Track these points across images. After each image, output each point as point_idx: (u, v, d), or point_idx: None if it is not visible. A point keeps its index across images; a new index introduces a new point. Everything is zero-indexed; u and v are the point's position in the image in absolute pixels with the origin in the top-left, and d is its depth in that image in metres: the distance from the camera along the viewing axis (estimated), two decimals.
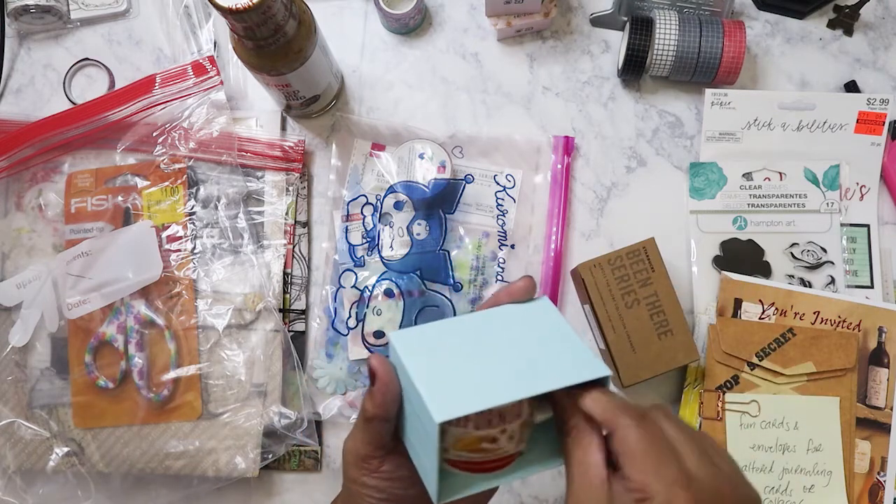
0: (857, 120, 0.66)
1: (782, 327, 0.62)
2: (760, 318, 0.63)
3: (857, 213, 0.66)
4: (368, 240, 0.65)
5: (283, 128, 0.68)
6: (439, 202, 0.65)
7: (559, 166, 0.67)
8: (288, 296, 0.65)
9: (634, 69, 0.65)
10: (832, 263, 0.65)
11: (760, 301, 0.63)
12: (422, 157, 0.64)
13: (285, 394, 0.63)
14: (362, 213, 0.65)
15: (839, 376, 0.61)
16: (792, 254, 0.65)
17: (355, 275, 0.64)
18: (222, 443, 0.61)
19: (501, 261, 0.65)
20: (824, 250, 0.65)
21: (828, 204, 0.65)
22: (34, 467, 0.61)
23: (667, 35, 0.64)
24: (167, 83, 0.65)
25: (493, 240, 0.66)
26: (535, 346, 0.40)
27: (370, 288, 0.64)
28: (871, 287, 0.65)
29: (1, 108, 0.70)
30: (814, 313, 0.63)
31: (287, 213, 0.65)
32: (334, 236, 0.66)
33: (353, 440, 0.40)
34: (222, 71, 0.67)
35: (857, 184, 0.66)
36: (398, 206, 0.65)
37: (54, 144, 0.65)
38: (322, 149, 0.68)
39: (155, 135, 0.65)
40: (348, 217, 0.66)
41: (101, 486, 0.62)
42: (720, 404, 0.61)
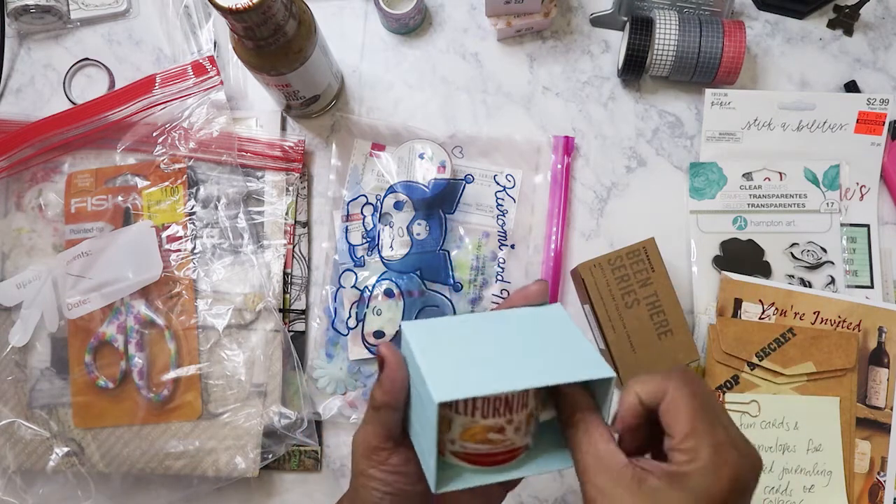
0: (857, 120, 0.66)
1: (782, 327, 0.62)
2: (760, 318, 0.63)
3: (857, 213, 0.66)
4: (368, 240, 0.65)
5: (283, 128, 0.68)
6: (439, 202, 0.65)
7: (559, 166, 0.67)
8: (288, 296, 0.65)
9: (634, 69, 0.65)
10: (832, 263, 0.65)
11: (760, 301, 0.63)
12: (422, 157, 0.64)
13: (285, 394, 0.63)
14: (362, 213, 0.65)
15: (839, 376, 0.61)
16: (792, 254, 0.65)
17: (355, 275, 0.64)
18: (222, 443, 0.61)
19: (501, 261, 0.65)
20: (824, 250, 0.65)
21: (828, 204, 0.65)
22: (34, 467, 0.61)
23: (667, 35, 0.64)
24: (167, 83, 0.65)
25: (493, 240, 0.66)
26: (544, 344, 0.40)
27: (370, 288, 0.64)
28: (871, 287, 0.65)
29: (1, 108, 0.70)
30: (814, 313, 0.63)
31: (287, 213, 0.65)
32: (334, 236, 0.66)
33: (362, 431, 0.41)
34: (222, 71, 0.67)
35: (857, 184, 0.66)
36: (398, 206, 0.65)
37: (54, 144, 0.65)
38: (322, 149, 0.68)
39: (155, 135, 0.65)
40: (348, 217, 0.66)
41: (101, 486, 0.62)
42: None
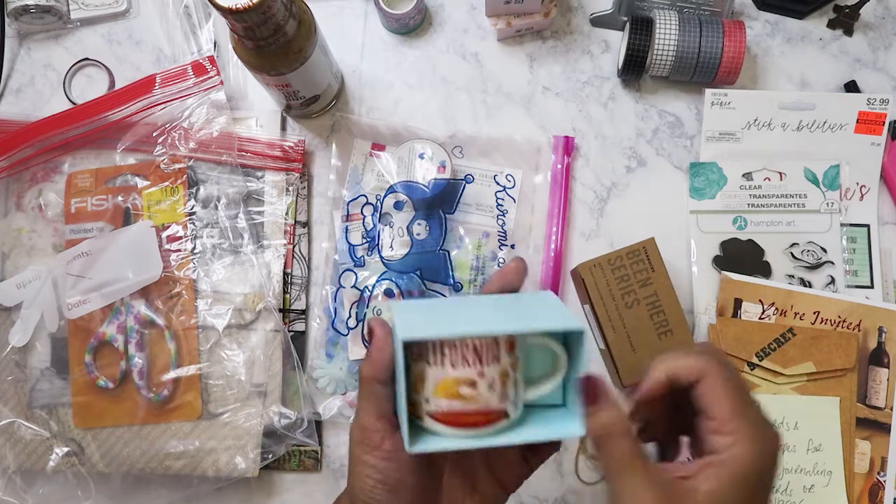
0: (857, 120, 0.66)
1: (782, 327, 0.62)
2: (760, 318, 0.63)
3: (857, 213, 0.66)
4: (368, 240, 0.65)
5: (283, 128, 0.68)
6: (439, 202, 0.65)
7: (559, 166, 0.67)
8: (288, 296, 0.65)
9: (634, 69, 0.65)
10: (832, 263, 0.65)
11: (760, 301, 0.63)
12: (422, 157, 0.64)
13: (285, 394, 0.63)
14: (362, 213, 0.65)
15: (839, 376, 0.61)
16: (792, 254, 0.65)
17: (355, 275, 0.64)
18: (222, 443, 0.61)
19: (501, 261, 0.65)
20: (824, 250, 0.65)
21: (828, 204, 0.65)
22: (34, 467, 0.61)
23: (667, 35, 0.64)
24: (167, 83, 0.65)
25: (493, 240, 0.66)
26: (521, 309, 0.41)
27: (370, 288, 0.64)
28: (871, 287, 0.65)
29: (1, 108, 0.70)
30: (814, 313, 0.62)
31: (287, 213, 0.65)
32: (334, 236, 0.66)
33: (355, 417, 0.42)
34: (222, 71, 0.67)
35: (857, 184, 0.66)
36: (398, 206, 0.65)
37: (54, 144, 0.65)
38: (322, 149, 0.68)
39: (155, 135, 0.65)
40: (348, 217, 0.66)
41: (101, 486, 0.62)
42: None
